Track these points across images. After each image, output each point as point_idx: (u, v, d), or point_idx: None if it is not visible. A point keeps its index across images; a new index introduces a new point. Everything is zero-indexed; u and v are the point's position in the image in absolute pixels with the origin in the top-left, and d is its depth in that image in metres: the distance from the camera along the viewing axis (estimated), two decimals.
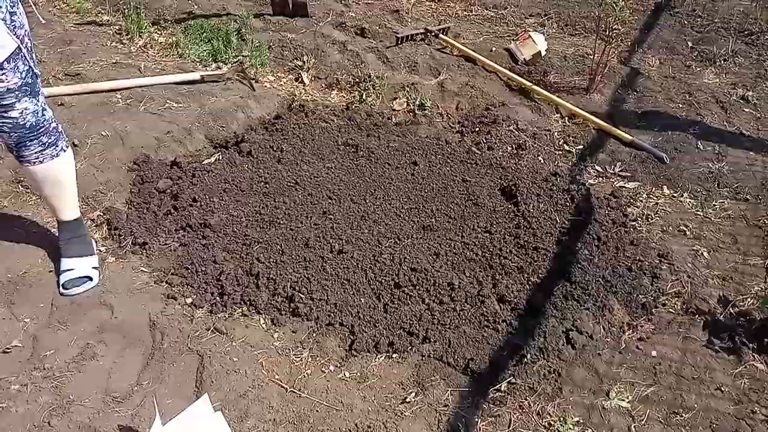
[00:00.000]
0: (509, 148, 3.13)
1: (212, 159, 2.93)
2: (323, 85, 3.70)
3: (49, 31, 3.93)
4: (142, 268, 2.33)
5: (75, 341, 2.00)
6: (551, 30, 4.54)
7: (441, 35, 4.07)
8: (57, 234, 2.28)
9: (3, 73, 1.79)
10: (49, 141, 2.02)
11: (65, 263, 2.21)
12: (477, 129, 3.27)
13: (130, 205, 2.63)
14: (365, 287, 2.27)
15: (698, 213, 2.76)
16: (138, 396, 1.85)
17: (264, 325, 2.14)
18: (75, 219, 2.25)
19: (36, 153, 2.00)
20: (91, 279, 2.21)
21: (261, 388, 1.91)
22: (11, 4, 1.78)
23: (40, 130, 1.97)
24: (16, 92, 1.84)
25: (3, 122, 1.88)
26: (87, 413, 1.78)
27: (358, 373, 1.99)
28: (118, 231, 2.47)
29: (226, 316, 2.16)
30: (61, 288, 2.17)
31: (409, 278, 2.28)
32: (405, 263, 2.34)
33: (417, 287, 2.26)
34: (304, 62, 3.79)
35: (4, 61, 1.78)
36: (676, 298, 2.29)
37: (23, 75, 1.85)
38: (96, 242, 2.39)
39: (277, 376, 1.96)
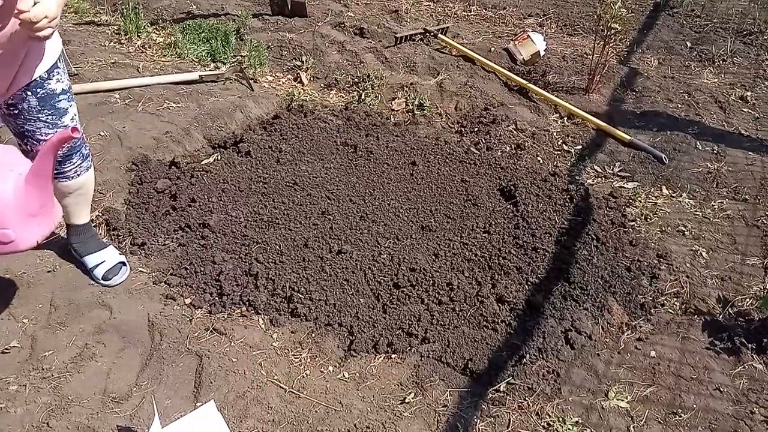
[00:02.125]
0: (508, 148, 3.13)
1: (211, 159, 2.93)
2: (322, 85, 3.70)
3: None
4: (140, 269, 2.33)
5: (74, 342, 2.00)
6: (550, 30, 4.54)
7: (440, 35, 4.07)
8: (66, 236, 2.29)
9: (58, 72, 1.82)
10: (85, 152, 2.04)
11: (93, 258, 2.23)
12: (476, 129, 3.27)
13: (128, 205, 2.63)
14: (364, 287, 2.27)
15: (697, 213, 2.76)
16: (137, 397, 1.85)
17: (263, 326, 2.14)
18: (90, 220, 2.28)
19: (76, 167, 2.01)
20: (125, 264, 2.27)
21: (260, 388, 1.90)
22: None
23: (82, 137, 2.00)
24: (68, 93, 1.88)
25: (58, 131, 1.89)
26: (85, 414, 1.78)
27: (357, 374, 1.99)
28: (116, 231, 2.46)
29: (225, 316, 2.16)
30: (102, 281, 2.20)
31: (408, 278, 2.28)
32: (404, 263, 2.34)
33: (416, 287, 2.26)
34: (302, 62, 3.79)
35: (57, 60, 1.81)
36: (675, 299, 2.29)
37: (67, 76, 1.89)
38: None
39: (276, 377, 1.95)
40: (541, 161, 3.08)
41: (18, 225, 1.65)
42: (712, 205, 2.80)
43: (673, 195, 2.88)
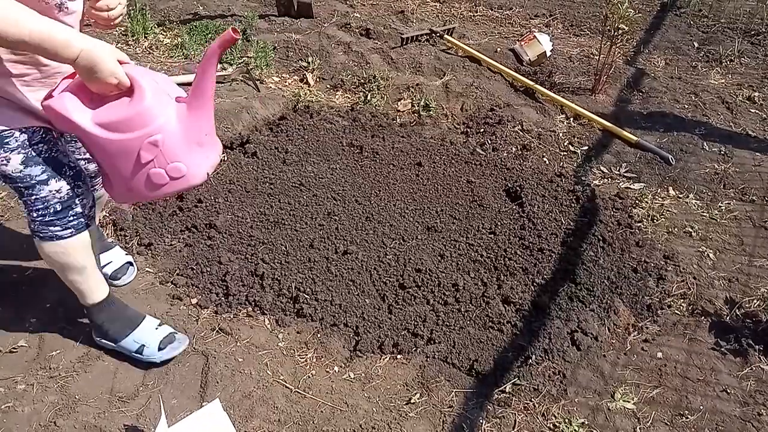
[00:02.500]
0: (514, 149, 3.13)
1: None
2: (328, 86, 3.71)
3: None
4: (147, 269, 2.34)
5: (81, 341, 2.01)
6: (556, 30, 4.53)
7: (446, 36, 4.07)
8: None
9: None
10: None
11: (100, 259, 2.22)
12: (482, 130, 3.26)
13: (135, 205, 2.64)
14: (370, 288, 2.28)
15: (704, 214, 2.75)
16: (143, 396, 1.86)
17: (269, 326, 2.15)
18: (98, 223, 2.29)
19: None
20: (132, 264, 2.28)
21: (266, 388, 1.91)
22: None
23: None
24: None
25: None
26: (92, 413, 1.79)
27: (363, 374, 1.99)
28: (123, 232, 2.48)
29: (231, 316, 2.17)
30: (109, 280, 2.18)
31: (413, 279, 2.28)
32: (410, 264, 2.34)
33: (422, 288, 2.26)
34: (308, 63, 3.80)
35: None
36: (682, 300, 2.28)
37: None
38: None
39: (281, 377, 1.96)
40: (547, 162, 3.07)
41: (187, 156, 1.52)
42: (720, 206, 2.78)
43: (680, 196, 2.86)
